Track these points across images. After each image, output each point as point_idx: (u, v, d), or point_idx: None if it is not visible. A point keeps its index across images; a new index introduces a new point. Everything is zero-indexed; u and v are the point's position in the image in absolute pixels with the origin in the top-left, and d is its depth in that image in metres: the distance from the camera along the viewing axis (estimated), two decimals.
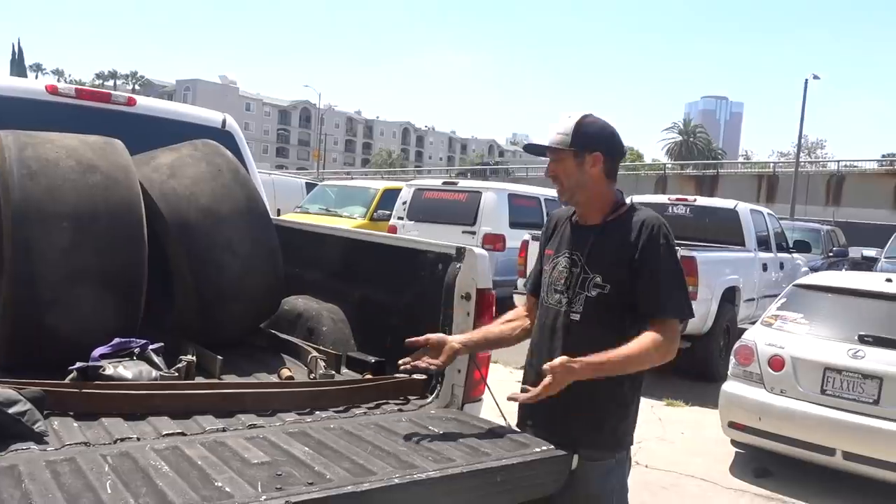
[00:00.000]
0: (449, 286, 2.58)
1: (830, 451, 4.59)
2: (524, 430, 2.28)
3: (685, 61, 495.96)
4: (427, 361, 2.21)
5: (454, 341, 2.26)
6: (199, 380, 2.44)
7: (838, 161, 41.80)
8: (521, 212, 10.50)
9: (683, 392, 6.95)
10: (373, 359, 2.79)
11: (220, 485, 1.61)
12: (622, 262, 2.14)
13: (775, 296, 6.22)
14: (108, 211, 2.51)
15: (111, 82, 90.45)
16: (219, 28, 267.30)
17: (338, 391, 2.42)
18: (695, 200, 9.56)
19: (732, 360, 5.21)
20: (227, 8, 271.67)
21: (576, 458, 2.02)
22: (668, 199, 9.73)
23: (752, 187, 36.81)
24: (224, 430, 2.05)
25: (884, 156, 50.47)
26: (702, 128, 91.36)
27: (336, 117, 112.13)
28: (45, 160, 2.51)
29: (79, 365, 2.20)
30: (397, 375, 2.55)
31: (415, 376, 2.53)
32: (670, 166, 51.64)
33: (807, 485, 4.82)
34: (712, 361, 7.56)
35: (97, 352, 2.33)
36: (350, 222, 11.27)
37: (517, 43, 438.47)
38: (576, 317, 2.19)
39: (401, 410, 2.41)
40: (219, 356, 2.57)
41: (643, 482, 4.54)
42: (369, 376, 2.65)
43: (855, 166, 39.22)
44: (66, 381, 2.16)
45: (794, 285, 5.74)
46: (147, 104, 3.93)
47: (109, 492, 1.55)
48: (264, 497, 1.55)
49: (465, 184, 11.57)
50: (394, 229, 10.57)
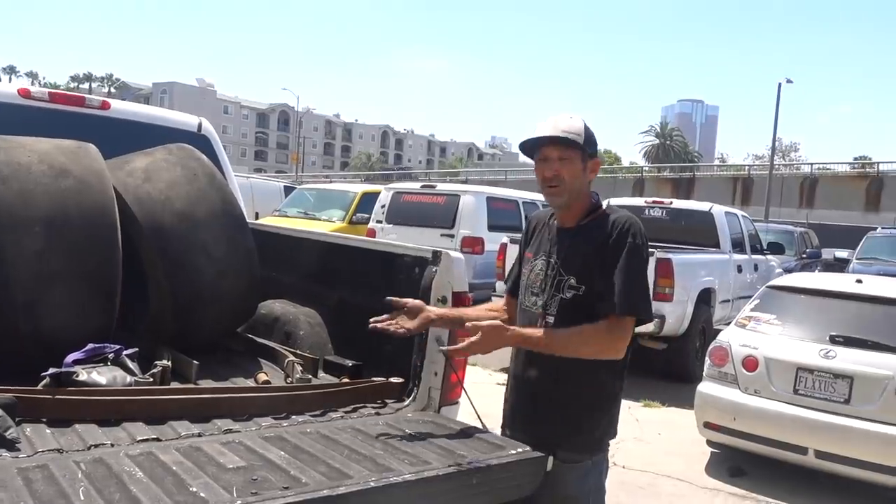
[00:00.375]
0: (425, 289, 2.59)
1: (803, 450, 4.66)
2: (505, 432, 2.30)
3: (661, 65, 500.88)
4: (399, 324, 2.25)
5: (431, 311, 2.30)
6: (175, 385, 2.43)
7: (811, 164, 42.52)
8: (500, 215, 10.54)
9: (660, 393, 7.02)
10: (350, 362, 2.79)
11: (194, 490, 1.60)
12: (594, 263, 2.16)
13: (750, 297, 6.30)
14: (81, 215, 2.48)
15: (86, 85, 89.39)
16: (196, 30, 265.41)
17: (314, 395, 2.42)
18: (671, 203, 9.66)
19: (707, 360, 5.27)
20: (205, 10, 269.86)
21: (551, 459, 2.04)
22: (645, 201, 9.84)
23: (727, 190, 37.22)
24: (199, 435, 2.04)
25: (855, 159, 51.41)
26: (678, 131, 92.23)
27: (315, 120, 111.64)
28: (16, 164, 2.48)
29: (52, 371, 2.18)
30: (374, 379, 2.56)
31: (391, 380, 2.54)
32: (647, 169, 52.05)
33: (780, 483, 4.89)
34: (689, 362, 7.64)
35: (71, 357, 2.31)
36: (329, 226, 11.23)
37: (494, 46, 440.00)
38: (551, 319, 2.21)
39: (378, 414, 2.41)
40: (194, 361, 2.56)
41: (620, 482, 4.58)
42: (346, 380, 2.65)
43: (828, 169, 39.82)
44: (39, 386, 2.14)
45: (767, 287, 5.82)
46: (121, 108, 3.91)
47: (83, 498, 1.53)
48: (239, 502, 1.55)
49: (443, 187, 11.57)
50: (373, 233, 10.56)
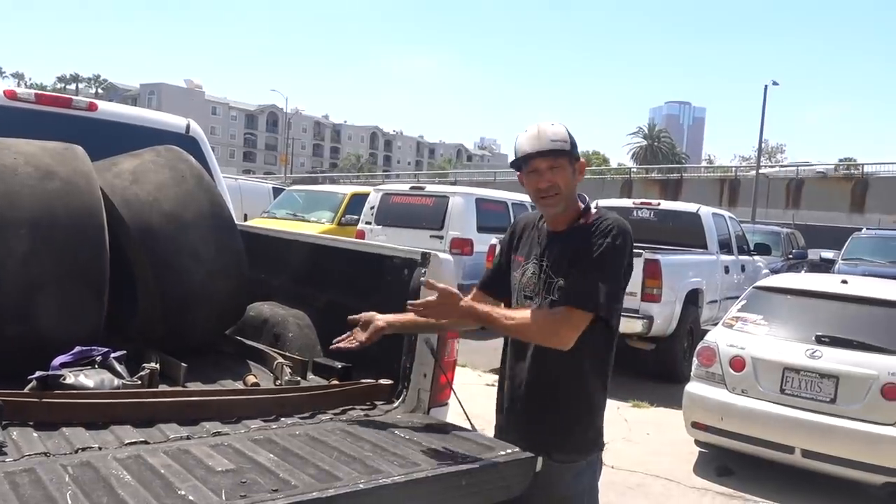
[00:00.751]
0: (414, 291, 2.59)
1: (790, 450, 4.70)
2: (498, 435, 2.31)
3: (649, 66, 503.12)
4: (353, 338, 2.28)
5: (379, 319, 2.29)
6: (163, 387, 2.42)
7: (797, 165, 42.84)
8: (489, 216, 10.56)
9: (648, 393, 7.06)
10: (339, 364, 2.78)
11: (183, 493, 1.60)
12: (575, 261, 2.18)
13: (737, 297, 6.35)
14: (68, 217, 2.47)
15: (73, 86, 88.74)
16: (184, 31, 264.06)
17: (304, 397, 2.41)
18: (658, 204, 9.70)
19: (695, 361, 5.31)
20: (193, 10, 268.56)
21: (540, 460, 2.05)
22: (633, 203, 9.88)
23: (714, 191, 37.44)
24: (188, 437, 2.03)
25: (841, 160, 51.82)
26: (666, 132, 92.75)
27: (303, 122, 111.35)
28: (2, 166, 2.46)
29: (39, 374, 2.17)
30: (363, 381, 2.56)
31: (380, 381, 2.54)
32: (635, 170, 52.28)
33: (767, 483, 4.93)
34: (677, 362, 7.68)
35: (58, 360, 2.29)
36: (318, 227, 11.21)
37: (483, 47, 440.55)
38: (549, 310, 2.22)
39: (367, 416, 2.40)
40: (183, 363, 2.55)
41: (609, 482, 4.59)
42: (335, 382, 2.65)
43: (813, 170, 40.14)
44: (26, 390, 2.12)
45: (754, 287, 5.87)
46: (109, 109, 3.89)
47: (70, 502, 1.53)
48: None
49: (432, 188, 11.58)
50: (362, 234, 10.56)
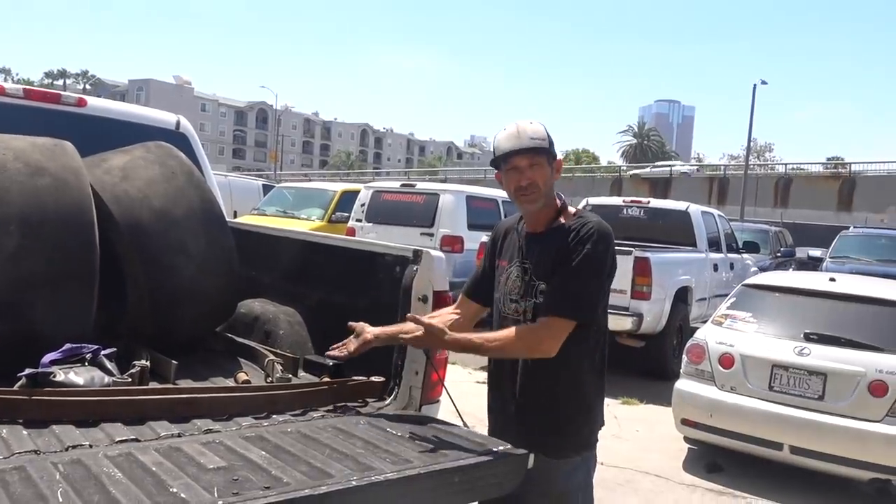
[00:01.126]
0: (406, 289, 2.59)
1: (778, 446, 4.73)
2: (491, 435, 2.32)
3: (639, 65, 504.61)
4: (342, 348, 2.31)
5: (368, 332, 2.30)
6: (154, 385, 2.41)
7: (786, 164, 43.08)
8: (480, 214, 10.55)
9: (638, 390, 7.09)
10: (330, 361, 2.78)
11: (175, 491, 1.59)
12: (557, 266, 2.19)
13: (726, 295, 6.38)
14: (57, 214, 2.45)
15: (61, 81, 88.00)
16: (173, 27, 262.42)
17: (295, 395, 2.41)
18: (648, 203, 9.75)
19: (684, 358, 5.33)
20: (181, 6, 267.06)
21: (532, 456, 2.05)
22: (623, 201, 9.93)
23: (703, 189, 37.60)
24: (179, 435, 2.02)
25: (828, 159, 52.17)
26: (655, 131, 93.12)
27: (293, 118, 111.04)
28: None
29: (28, 371, 2.16)
30: (355, 378, 2.55)
31: (372, 379, 2.54)
32: (625, 168, 52.41)
33: (756, 479, 4.96)
34: (666, 360, 7.72)
35: (47, 358, 2.28)
36: (308, 224, 11.18)
37: (474, 45, 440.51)
38: (529, 324, 2.23)
39: (358, 413, 2.40)
40: (173, 360, 2.54)
41: (599, 479, 4.55)
42: (327, 379, 2.64)
43: (801, 169, 40.39)
44: (15, 387, 2.11)
45: (743, 285, 5.90)
46: (98, 105, 3.86)
47: (61, 500, 1.52)
48: (221, 502, 1.54)
49: (423, 186, 11.56)
50: (352, 231, 10.53)
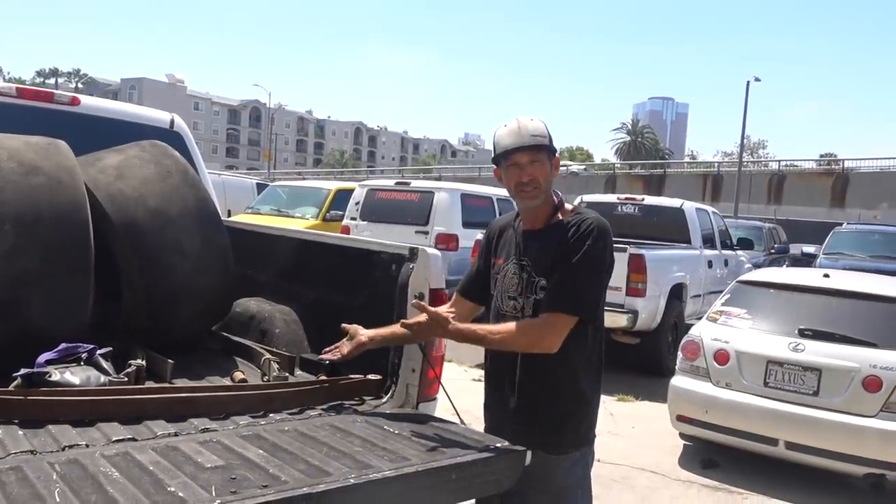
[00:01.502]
0: (402, 286, 2.59)
1: (773, 442, 4.75)
2: (489, 430, 2.32)
3: (633, 63, 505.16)
4: (335, 351, 2.35)
5: (362, 334, 2.32)
6: (150, 384, 2.40)
7: (779, 161, 43.32)
8: (474, 211, 10.55)
9: (634, 387, 7.11)
10: (327, 360, 2.78)
11: (173, 490, 1.59)
12: (557, 262, 2.19)
13: (720, 292, 6.40)
14: (52, 213, 2.44)
15: (53, 80, 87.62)
16: (165, 25, 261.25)
17: (292, 393, 2.40)
18: (643, 200, 9.77)
19: (680, 355, 5.35)
20: (174, 3, 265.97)
21: (529, 453, 2.06)
22: (618, 198, 9.94)
23: (697, 186, 37.72)
24: (176, 434, 2.02)
25: (821, 156, 52.34)
26: (649, 128, 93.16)
27: (287, 117, 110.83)
28: None
29: (24, 371, 2.15)
30: (352, 377, 2.55)
31: (369, 377, 2.54)
32: (619, 166, 52.52)
33: (751, 475, 4.98)
34: (661, 356, 7.74)
35: (43, 357, 2.27)
36: (302, 223, 11.16)
37: (467, 43, 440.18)
38: (532, 319, 2.23)
39: (356, 411, 2.40)
40: (169, 360, 2.53)
41: (595, 475, 4.54)
42: (323, 378, 2.64)
43: (795, 166, 40.59)
44: (11, 387, 2.10)
45: (737, 281, 5.92)
46: (92, 104, 3.85)
47: (58, 500, 1.51)
48: (219, 501, 1.54)
49: (417, 184, 11.57)
50: (347, 230, 10.52)
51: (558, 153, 2.36)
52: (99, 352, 2.37)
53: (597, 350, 2.30)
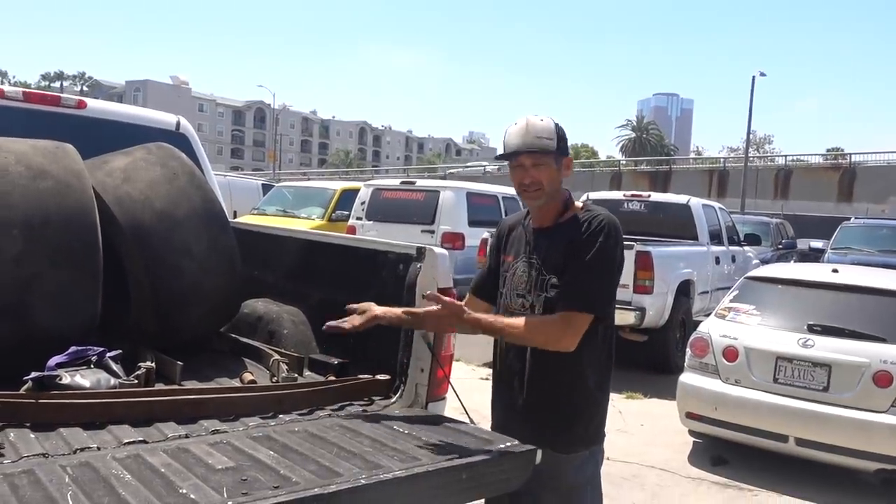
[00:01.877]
0: (410, 286, 2.59)
1: (783, 438, 4.73)
2: (498, 429, 2.31)
3: (637, 59, 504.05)
4: (343, 322, 2.26)
5: (377, 309, 2.28)
6: (160, 386, 2.41)
7: (785, 156, 42.97)
8: (480, 210, 10.55)
9: (642, 384, 7.09)
10: (335, 360, 2.78)
11: (184, 491, 1.59)
12: (569, 260, 2.18)
13: (728, 288, 6.38)
14: (60, 217, 2.45)
15: (58, 83, 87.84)
16: (169, 27, 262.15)
17: (301, 394, 2.41)
18: (649, 196, 9.74)
19: (688, 351, 5.33)
20: (178, 6, 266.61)
21: (539, 452, 2.05)
22: (623, 195, 9.91)
23: (703, 182, 37.58)
24: (187, 436, 2.02)
25: (828, 150, 52.14)
26: (654, 124, 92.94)
27: (291, 117, 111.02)
28: None
29: (34, 374, 2.15)
30: (361, 377, 2.55)
31: (378, 377, 2.54)
32: (624, 163, 52.39)
33: (762, 471, 4.96)
34: (669, 353, 7.72)
35: (53, 360, 2.28)
36: (308, 223, 11.17)
37: (471, 40, 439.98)
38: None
39: (365, 411, 2.40)
40: (179, 362, 2.54)
41: (604, 474, 4.53)
42: (332, 378, 2.65)
43: (801, 161, 40.33)
44: (22, 391, 2.11)
45: (745, 278, 5.90)
46: (98, 107, 3.86)
47: (71, 503, 1.52)
48: (230, 502, 1.54)
49: (423, 183, 11.56)
50: (353, 230, 10.53)
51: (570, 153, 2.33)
52: (109, 354, 2.38)
53: (606, 348, 2.29)
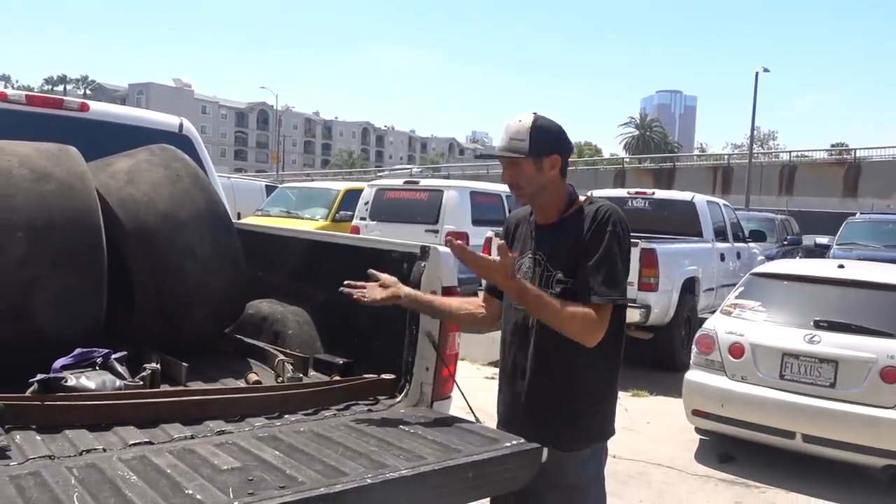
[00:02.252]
0: (415, 285, 2.58)
1: (790, 435, 4.72)
2: (501, 429, 2.30)
3: (639, 56, 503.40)
4: (368, 293, 2.26)
5: (402, 289, 2.30)
6: (165, 387, 2.41)
7: (790, 152, 42.98)
8: (484, 209, 10.55)
9: (648, 382, 7.08)
10: (340, 360, 2.78)
11: (190, 492, 1.59)
12: (578, 255, 2.17)
13: (733, 285, 6.37)
14: (64, 219, 2.45)
15: (61, 87, 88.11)
16: (171, 30, 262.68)
17: (306, 394, 2.41)
18: (653, 193, 9.72)
19: (694, 349, 5.32)
20: (180, 9, 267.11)
21: (545, 450, 2.04)
22: (628, 192, 9.89)
23: (707, 179, 37.51)
24: (192, 437, 2.02)
25: (833, 146, 52.00)
26: (658, 122, 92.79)
27: (294, 118, 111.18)
28: None
29: (40, 377, 2.16)
30: (366, 376, 2.55)
31: (383, 376, 2.54)
32: (628, 160, 52.32)
33: (769, 468, 4.95)
34: (675, 351, 7.70)
35: (59, 362, 2.28)
36: (312, 224, 11.18)
37: (473, 40, 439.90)
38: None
39: (370, 411, 2.40)
40: (184, 363, 2.54)
41: (610, 471, 4.55)
42: (337, 378, 2.65)
43: (806, 156, 40.27)
44: (27, 393, 2.11)
45: (751, 274, 5.88)
46: (101, 109, 3.87)
47: None
48: (236, 502, 1.54)
49: (426, 182, 11.57)
50: (357, 230, 10.54)
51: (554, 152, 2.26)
52: (114, 356, 2.39)
53: (614, 345, 2.24)
